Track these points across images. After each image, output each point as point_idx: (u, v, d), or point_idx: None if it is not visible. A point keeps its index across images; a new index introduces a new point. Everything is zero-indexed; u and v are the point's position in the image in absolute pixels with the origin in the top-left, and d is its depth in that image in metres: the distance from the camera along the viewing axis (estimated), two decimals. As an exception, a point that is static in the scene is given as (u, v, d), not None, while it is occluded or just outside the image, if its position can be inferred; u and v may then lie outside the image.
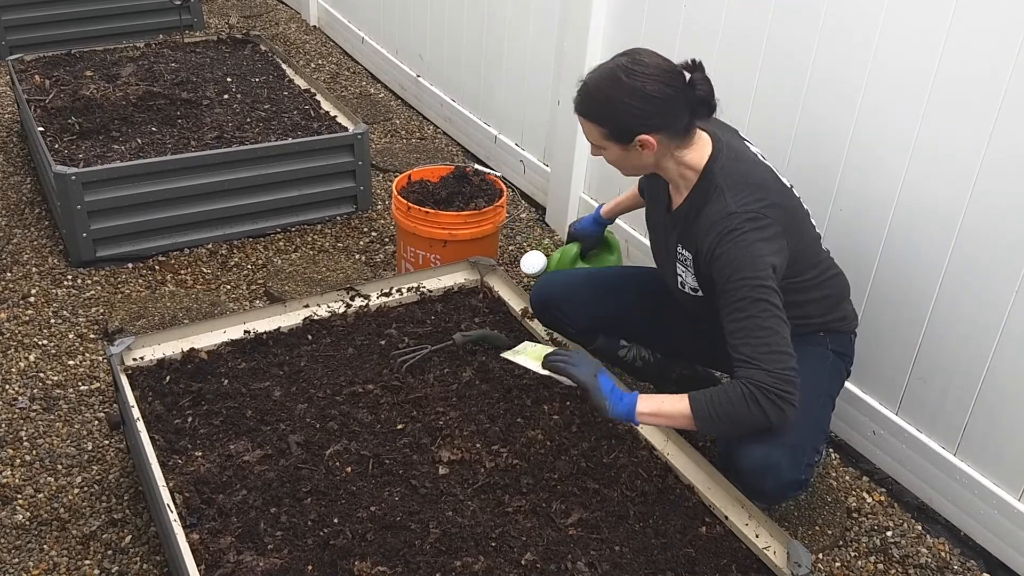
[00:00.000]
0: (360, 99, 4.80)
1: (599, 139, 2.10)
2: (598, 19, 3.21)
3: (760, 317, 1.95)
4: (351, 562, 1.91)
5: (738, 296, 1.97)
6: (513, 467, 2.18)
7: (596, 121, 2.07)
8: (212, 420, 2.28)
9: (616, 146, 2.09)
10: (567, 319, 2.49)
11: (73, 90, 3.74)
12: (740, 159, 2.13)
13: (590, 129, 2.10)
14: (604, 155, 2.15)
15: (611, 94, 2.02)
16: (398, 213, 3.09)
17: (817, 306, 2.25)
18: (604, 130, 2.07)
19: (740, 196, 2.04)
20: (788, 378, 1.92)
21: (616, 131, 2.06)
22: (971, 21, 2.13)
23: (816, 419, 2.22)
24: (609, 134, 2.07)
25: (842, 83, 2.45)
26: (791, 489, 2.15)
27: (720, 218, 2.02)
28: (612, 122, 2.05)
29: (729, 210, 2.02)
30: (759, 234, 2.00)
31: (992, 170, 2.16)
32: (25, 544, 2.27)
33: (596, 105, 2.06)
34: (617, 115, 2.03)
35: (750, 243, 1.98)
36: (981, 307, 2.26)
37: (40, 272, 3.28)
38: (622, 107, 2.01)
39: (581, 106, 2.09)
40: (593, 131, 2.09)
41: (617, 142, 2.08)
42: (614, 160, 2.15)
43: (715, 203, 2.05)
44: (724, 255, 2.00)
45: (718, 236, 2.01)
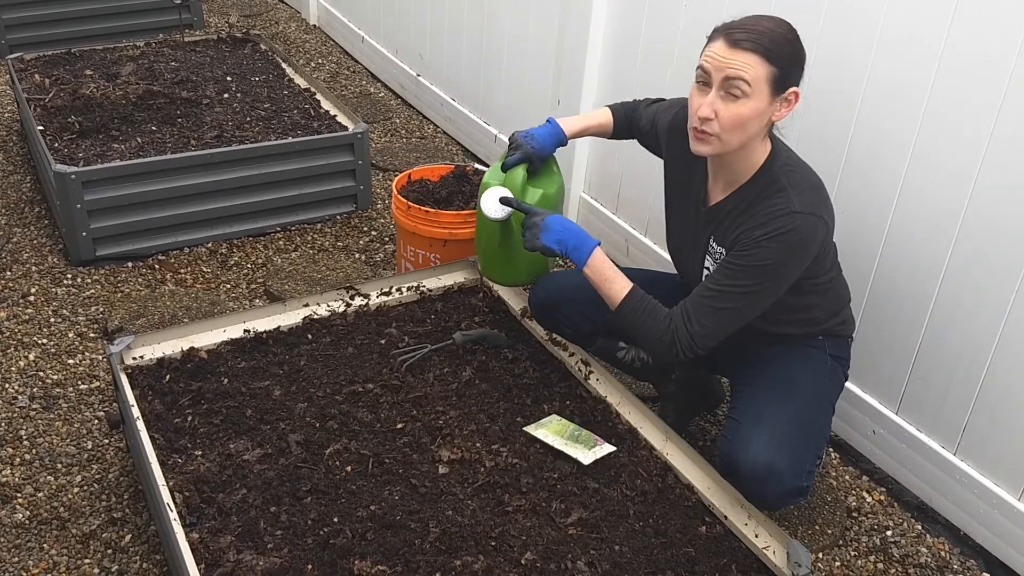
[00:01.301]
0: (360, 98, 4.80)
1: (760, 81, 1.93)
2: (598, 19, 3.21)
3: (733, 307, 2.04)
4: (351, 561, 1.91)
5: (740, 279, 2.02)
6: (513, 466, 2.18)
7: (771, 60, 1.92)
8: (212, 419, 2.28)
9: (768, 94, 1.95)
10: (566, 320, 2.49)
11: (73, 89, 3.74)
12: (797, 159, 2.12)
13: (754, 67, 1.92)
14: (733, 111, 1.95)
15: (791, 36, 1.95)
16: (398, 212, 3.09)
17: (824, 309, 2.25)
18: (774, 71, 1.93)
19: (804, 196, 2.02)
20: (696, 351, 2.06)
21: (783, 75, 1.94)
22: (971, 23, 2.13)
23: (818, 426, 2.22)
24: (776, 76, 1.93)
25: (842, 83, 2.45)
26: (792, 496, 2.14)
27: (783, 214, 1.99)
28: (785, 64, 1.94)
29: (793, 208, 2.00)
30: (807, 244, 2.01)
31: (992, 169, 2.16)
32: (25, 543, 2.27)
33: (777, 44, 1.93)
34: (791, 57, 1.95)
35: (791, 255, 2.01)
36: (981, 307, 2.26)
37: (40, 271, 3.28)
38: (796, 51, 1.96)
39: (758, 43, 1.91)
40: (759, 70, 1.92)
41: (773, 89, 1.95)
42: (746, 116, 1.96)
43: (777, 199, 2.02)
44: (765, 250, 1.99)
45: (773, 230, 1.99)
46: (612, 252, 3.47)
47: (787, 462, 2.06)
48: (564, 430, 2.29)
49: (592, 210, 3.55)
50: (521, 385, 2.46)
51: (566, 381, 2.49)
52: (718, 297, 2.04)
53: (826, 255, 2.16)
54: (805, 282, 2.12)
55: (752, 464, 2.06)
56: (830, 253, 2.20)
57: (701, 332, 2.05)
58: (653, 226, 3.26)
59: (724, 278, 2.04)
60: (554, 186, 2.52)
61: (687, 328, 2.05)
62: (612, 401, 2.42)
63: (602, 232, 3.52)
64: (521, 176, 2.44)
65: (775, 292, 2.06)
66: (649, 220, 3.28)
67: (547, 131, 2.48)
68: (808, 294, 2.17)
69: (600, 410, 2.40)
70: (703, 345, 2.06)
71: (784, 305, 2.16)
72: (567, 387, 2.47)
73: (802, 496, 2.21)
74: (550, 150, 2.49)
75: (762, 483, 2.06)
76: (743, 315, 2.06)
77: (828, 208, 2.08)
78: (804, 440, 2.13)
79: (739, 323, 2.07)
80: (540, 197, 2.46)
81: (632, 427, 2.34)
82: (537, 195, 2.46)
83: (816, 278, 2.16)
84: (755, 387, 2.22)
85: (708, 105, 1.96)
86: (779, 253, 2.00)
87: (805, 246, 2.02)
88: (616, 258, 3.45)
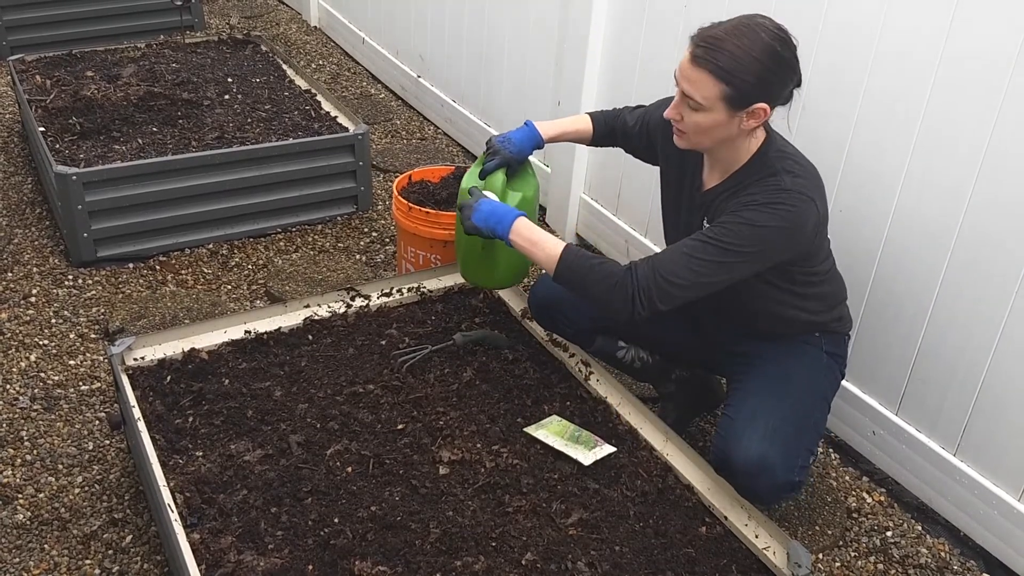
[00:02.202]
0: (361, 100, 4.80)
1: (712, 99, 1.93)
2: (598, 20, 3.22)
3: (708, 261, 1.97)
4: (351, 562, 1.91)
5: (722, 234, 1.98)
6: (513, 467, 2.18)
7: (725, 80, 1.91)
8: (213, 420, 2.29)
9: (725, 111, 1.95)
10: (565, 320, 2.49)
11: (74, 90, 3.74)
12: (792, 149, 2.12)
13: (706, 85, 1.92)
14: (693, 118, 1.99)
15: (748, 48, 1.89)
16: (399, 213, 3.09)
17: (819, 303, 2.25)
18: (727, 91, 1.92)
19: (797, 179, 2.02)
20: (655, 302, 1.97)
21: (737, 93, 1.92)
22: (969, 27, 2.13)
23: (811, 421, 2.23)
24: (730, 95, 1.92)
25: (843, 84, 2.45)
26: (784, 491, 2.15)
27: (772, 189, 1.99)
28: (739, 80, 1.91)
29: (784, 186, 2.00)
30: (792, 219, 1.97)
31: (992, 169, 2.17)
32: (26, 544, 2.27)
33: (727, 58, 1.89)
34: (747, 73, 1.90)
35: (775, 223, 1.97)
36: (981, 307, 2.27)
37: (41, 272, 3.28)
38: (755, 66, 1.90)
39: (707, 58, 1.91)
40: (709, 88, 1.92)
41: (729, 106, 1.94)
42: (705, 125, 1.99)
43: (771, 179, 2.02)
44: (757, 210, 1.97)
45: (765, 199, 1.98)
46: (612, 252, 3.48)
47: (779, 456, 2.07)
48: (564, 431, 2.29)
49: (592, 211, 3.55)
50: (521, 386, 2.46)
51: (566, 382, 2.50)
52: (698, 247, 1.98)
53: (820, 245, 2.16)
54: (800, 274, 2.13)
55: (744, 459, 2.07)
56: (825, 243, 2.20)
57: (666, 285, 1.97)
58: (653, 226, 3.26)
59: (708, 233, 2.00)
60: (531, 189, 2.52)
61: (653, 278, 1.97)
62: (612, 402, 2.42)
63: (602, 232, 3.53)
64: (501, 181, 2.44)
65: (756, 261, 2.00)
66: (649, 220, 3.28)
67: (524, 134, 2.47)
68: (804, 285, 2.18)
69: (600, 411, 2.40)
70: (666, 298, 1.97)
71: (781, 299, 2.17)
72: (567, 388, 2.47)
73: (795, 491, 2.22)
74: (527, 153, 2.49)
75: (754, 477, 2.07)
76: (717, 275, 1.98)
77: (821, 194, 2.07)
78: (796, 435, 2.14)
79: (709, 285, 1.99)
80: (520, 200, 2.46)
81: (632, 428, 2.35)
82: (517, 198, 2.45)
83: (812, 267, 2.17)
84: (749, 384, 2.23)
85: (674, 108, 2.04)
86: (768, 219, 1.97)
87: (794, 224, 1.99)
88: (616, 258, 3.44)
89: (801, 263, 2.13)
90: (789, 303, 2.21)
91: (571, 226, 3.65)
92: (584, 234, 3.65)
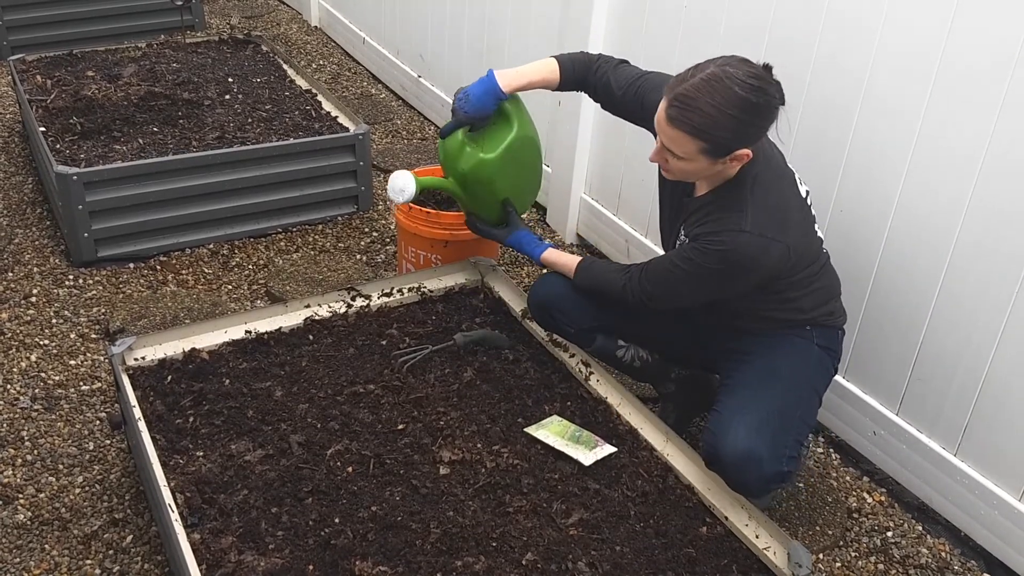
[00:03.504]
0: (361, 99, 4.80)
1: (691, 153, 1.98)
2: (599, 20, 3.22)
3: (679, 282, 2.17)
4: (352, 562, 1.91)
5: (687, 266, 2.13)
6: (514, 467, 2.18)
7: (702, 138, 1.95)
8: (213, 420, 2.29)
9: (706, 160, 2.00)
10: (565, 319, 2.49)
11: (75, 90, 3.74)
12: (771, 167, 2.13)
13: (684, 143, 1.97)
14: (677, 165, 2.04)
15: (720, 106, 1.91)
16: (399, 213, 3.09)
17: (810, 300, 2.26)
18: (705, 146, 1.96)
19: (759, 217, 2.05)
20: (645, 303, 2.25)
21: (714, 146, 1.96)
22: (972, 25, 2.13)
23: (799, 413, 2.23)
24: (708, 149, 1.97)
25: (845, 83, 2.45)
26: (774, 482, 2.16)
27: (731, 231, 2.06)
28: (714, 137, 1.95)
29: (743, 227, 2.04)
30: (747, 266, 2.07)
31: (993, 169, 2.17)
32: (26, 544, 2.27)
33: (701, 118, 1.93)
34: (721, 129, 1.93)
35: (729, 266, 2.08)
36: (981, 307, 2.27)
37: (42, 272, 3.28)
38: (728, 121, 1.92)
39: (679, 119, 1.95)
40: (687, 145, 1.97)
41: (710, 157, 1.99)
42: (689, 171, 2.05)
43: (734, 214, 2.06)
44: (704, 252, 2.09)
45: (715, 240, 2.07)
46: (612, 252, 3.48)
47: (766, 448, 2.08)
48: (565, 431, 2.29)
49: (592, 211, 3.55)
50: (522, 386, 2.46)
51: (567, 382, 2.50)
52: (671, 270, 2.18)
53: (803, 258, 2.18)
54: (779, 281, 2.15)
55: (732, 451, 2.08)
56: (808, 254, 2.20)
57: (647, 292, 2.23)
58: (653, 226, 3.26)
59: (678, 258, 2.17)
60: (498, 146, 2.43)
61: (640, 283, 2.24)
62: (613, 402, 2.42)
63: (602, 232, 3.52)
64: (458, 141, 2.41)
65: (717, 293, 2.20)
66: (649, 221, 3.28)
67: (482, 88, 2.36)
68: (785, 290, 2.21)
69: (601, 411, 2.40)
70: (651, 306, 2.25)
71: (765, 298, 2.19)
72: (568, 388, 2.47)
73: (785, 481, 2.24)
74: (489, 109, 2.38)
75: (742, 470, 2.08)
76: (686, 298, 2.24)
77: (785, 228, 2.08)
78: (784, 427, 2.15)
79: (683, 302, 2.26)
80: (477, 161, 2.42)
81: (633, 428, 2.35)
82: (475, 159, 2.42)
83: (790, 278, 2.19)
84: (739, 379, 2.24)
85: (657, 154, 2.10)
86: (716, 263, 2.09)
87: (745, 265, 2.07)
88: (617, 258, 3.45)
89: (787, 276, 2.16)
90: (776, 307, 2.24)
91: (571, 226, 3.65)
92: (584, 234, 3.65)
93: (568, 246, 3.64)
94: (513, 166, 2.50)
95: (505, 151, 2.45)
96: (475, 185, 2.49)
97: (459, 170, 2.46)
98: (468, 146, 2.43)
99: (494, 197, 2.54)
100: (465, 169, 2.45)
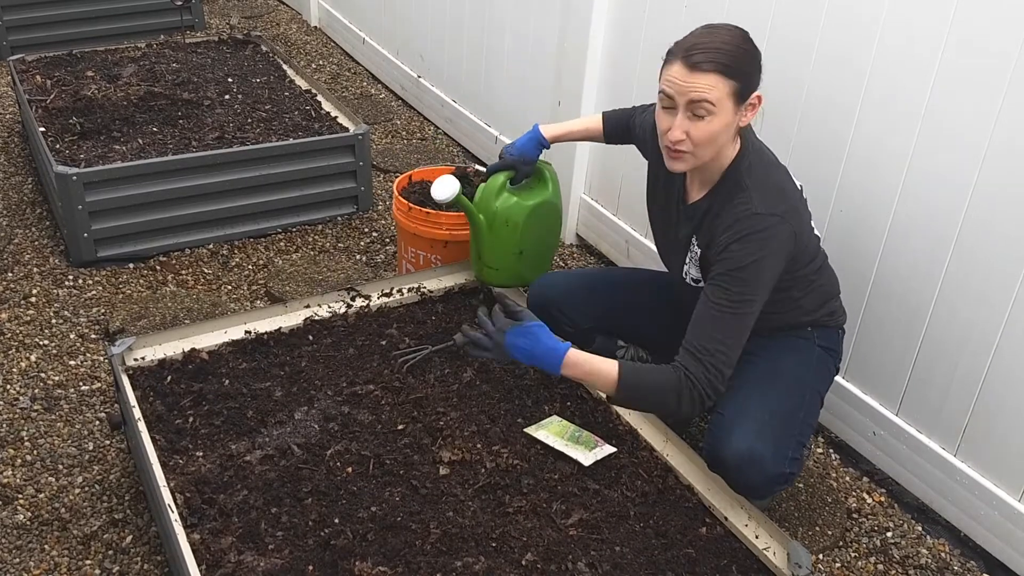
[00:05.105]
0: (361, 100, 4.80)
1: (722, 99, 1.97)
2: (599, 20, 3.22)
3: (732, 321, 2.01)
4: (352, 562, 1.91)
5: (725, 289, 2.01)
6: (514, 467, 2.18)
7: (732, 75, 1.96)
8: (213, 420, 2.29)
9: (732, 108, 2.00)
10: (565, 319, 2.50)
11: (74, 90, 3.74)
12: (763, 160, 2.15)
13: (718, 86, 1.96)
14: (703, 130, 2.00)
15: (746, 45, 2.00)
16: (399, 214, 3.09)
17: (810, 300, 2.26)
18: (736, 85, 1.98)
19: (767, 198, 2.06)
20: (718, 388, 2.00)
21: (744, 86, 1.99)
22: (972, 22, 2.13)
23: (801, 413, 2.23)
24: (738, 89, 1.98)
25: (845, 81, 2.45)
26: (776, 483, 2.16)
27: (745, 216, 2.04)
28: (745, 75, 1.99)
29: (755, 210, 2.04)
30: (775, 243, 2.03)
31: (993, 170, 2.17)
32: (26, 544, 2.27)
33: (735, 57, 1.97)
34: (750, 66, 2.00)
35: (763, 254, 2.02)
36: (981, 308, 2.27)
37: (41, 272, 3.28)
38: (753, 57, 2.00)
39: (717, 62, 1.95)
40: (721, 89, 1.96)
41: (737, 101, 2.00)
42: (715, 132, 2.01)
43: (741, 202, 2.06)
44: (737, 252, 2.02)
45: (738, 233, 2.03)
46: (612, 252, 3.48)
47: (768, 449, 2.08)
48: (564, 431, 2.29)
49: (592, 211, 3.55)
50: (522, 386, 2.46)
51: (567, 382, 2.50)
52: (716, 318, 2.01)
53: (803, 253, 2.17)
54: (784, 277, 2.14)
55: (734, 452, 2.08)
56: (808, 250, 2.20)
57: (718, 373, 1.99)
58: (654, 227, 3.26)
59: (712, 297, 2.03)
60: (533, 199, 2.68)
61: (706, 374, 1.98)
62: (613, 402, 2.42)
63: (602, 233, 3.52)
64: (499, 182, 2.63)
65: (762, 292, 2.04)
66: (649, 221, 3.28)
67: (527, 137, 2.62)
68: (789, 289, 2.20)
69: (600, 411, 2.40)
70: (721, 377, 1.99)
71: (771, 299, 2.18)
72: (568, 388, 2.47)
73: (787, 482, 2.24)
74: (531, 155, 2.62)
75: (744, 471, 2.08)
76: (744, 326, 2.03)
77: (791, 206, 2.10)
78: (785, 427, 2.15)
79: (743, 337, 2.03)
80: (512, 204, 2.64)
81: (632, 428, 2.35)
82: (510, 201, 2.64)
83: (794, 273, 2.17)
84: (740, 380, 2.23)
85: (678, 128, 2.02)
86: (751, 252, 2.02)
87: (772, 244, 2.04)
88: (616, 259, 3.46)
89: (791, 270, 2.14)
90: (780, 307, 2.22)
91: (571, 226, 3.65)
92: (584, 234, 3.65)
93: (568, 246, 3.64)
94: (538, 223, 2.71)
95: (537, 205, 2.69)
96: (501, 226, 2.68)
97: (492, 208, 2.66)
98: (506, 191, 2.66)
99: (513, 245, 2.70)
100: (498, 207, 2.65)
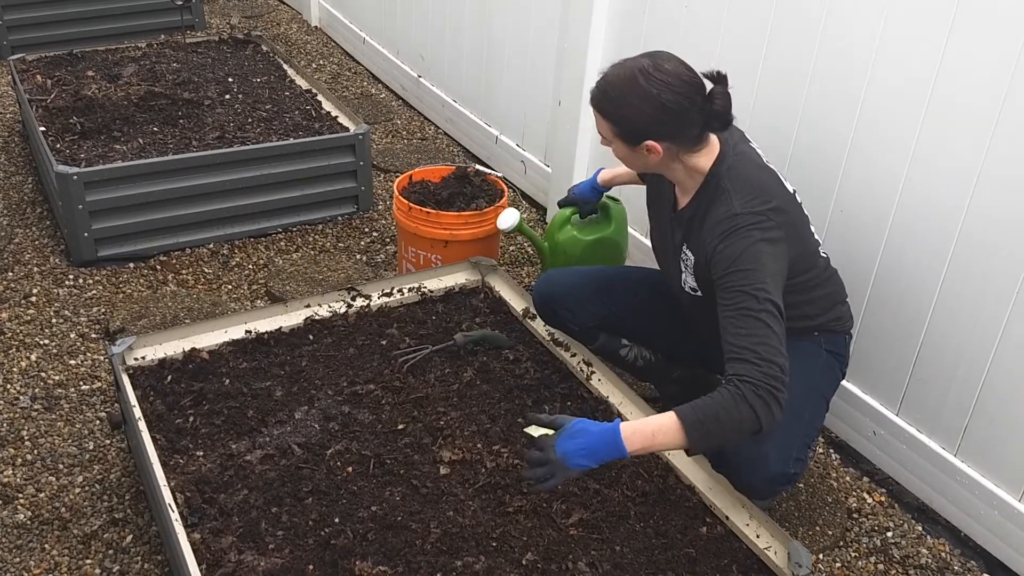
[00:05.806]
0: (361, 99, 4.80)
1: (608, 134, 2.12)
2: (599, 20, 3.21)
3: (754, 311, 1.91)
4: (352, 562, 1.91)
5: (735, 289, 1.96)
6: (514, 467, 2.18)
7: (607, 118, 2.09)
8: (213, 420, 2.29)
9: (623, 145, 2.11)
10: (569, 316, 2.50)
11: (75, 90, 3.74)
12: (745, 161, 2.13)
13: (601, 123, 2.11)
14: (612, 148, 2.17)
15: (627, 96, 2.02)
16: (399, 213, 3.09)
17: (814, 306, 2.25)
18: (614, 128, 2.09)
19: (745, 198, 2.05)
20: (777, 375, 1.84)
21: (625, 132, 2.07)
22: (970, 30, 2.13)
23: (806, 415, 2.23)
24: (618, 133, 2.08)
25: (844, 82, 2.45)
26: (779, 483, 2.17)
27: (725, 218, 2.03)
28: (623, 122, 2.06)
29: (734, 211, 2.03)
30: (762, 234, 2.00)
31: (992, 171, 2.17)
32: (26, 543, 2.27)
33: (610, 103, 2.06)
34: (629, 117, 2.04)
35: (753, 241, 1.98)
36: (981, 308, 2.27)
37: (42, 272, 3.28)
38: (635, 111, 2.02)
39: (595, 100, 2.10)
40: (603, 125, 2.11)
41: (624, 142, 2.09)
42: (621, 156, 2.16)
43: (720, 205, 2.06)
44: (725, 250, 1.99)
45: (722, 235, 2.02)
46: (613, 253, 3.48)
47: (773, 449, 2.09)
48: None
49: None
50: (522, 386, 2.46)
51: (567, 382, 2.50)
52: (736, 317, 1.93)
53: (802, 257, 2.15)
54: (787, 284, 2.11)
55: (738, 451, 2.08)
56: (806, 255, 2.18)
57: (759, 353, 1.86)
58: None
59: (724, 302, 1.97)
60: (590, 235, 2.91)
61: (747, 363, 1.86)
62: (614, 401, 2.42)
63: (603, 233, 3.52)
64: (564, 216, 2.91)
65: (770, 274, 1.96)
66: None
67: (588, 180, 2.83)
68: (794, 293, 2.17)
69: (602, 411, 2.40)
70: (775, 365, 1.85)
71: None
72: (568, 388, 2.47)
73: (791, 483, 2.25)
74: (590, 196, 2.82)
75: (749, 470, 2.09)
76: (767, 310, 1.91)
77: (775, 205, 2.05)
78: (791, 429, 2.15)
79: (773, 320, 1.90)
80: (569, 237, 2.90)
81: (633, 428, 2.34)
82: (570, 234, 2.90)
83: (797, 278, 2.15)
84: None
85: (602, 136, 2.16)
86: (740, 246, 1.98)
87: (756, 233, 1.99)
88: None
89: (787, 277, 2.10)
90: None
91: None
92: (585, 234, 3.65)
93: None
94: (593, 256, 2.91)
95: (595, 241, 2.92)
96: (561, 256, 2.92)
97: (556, 238, 2.94)
98: (571, 224, 2.92)
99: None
100: (560, 239, 2.92)
